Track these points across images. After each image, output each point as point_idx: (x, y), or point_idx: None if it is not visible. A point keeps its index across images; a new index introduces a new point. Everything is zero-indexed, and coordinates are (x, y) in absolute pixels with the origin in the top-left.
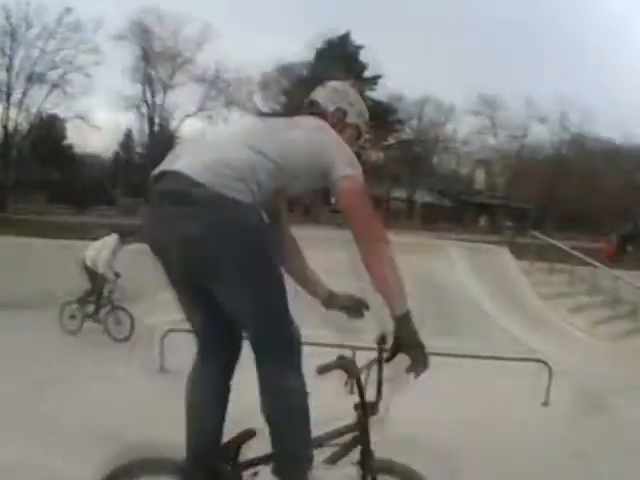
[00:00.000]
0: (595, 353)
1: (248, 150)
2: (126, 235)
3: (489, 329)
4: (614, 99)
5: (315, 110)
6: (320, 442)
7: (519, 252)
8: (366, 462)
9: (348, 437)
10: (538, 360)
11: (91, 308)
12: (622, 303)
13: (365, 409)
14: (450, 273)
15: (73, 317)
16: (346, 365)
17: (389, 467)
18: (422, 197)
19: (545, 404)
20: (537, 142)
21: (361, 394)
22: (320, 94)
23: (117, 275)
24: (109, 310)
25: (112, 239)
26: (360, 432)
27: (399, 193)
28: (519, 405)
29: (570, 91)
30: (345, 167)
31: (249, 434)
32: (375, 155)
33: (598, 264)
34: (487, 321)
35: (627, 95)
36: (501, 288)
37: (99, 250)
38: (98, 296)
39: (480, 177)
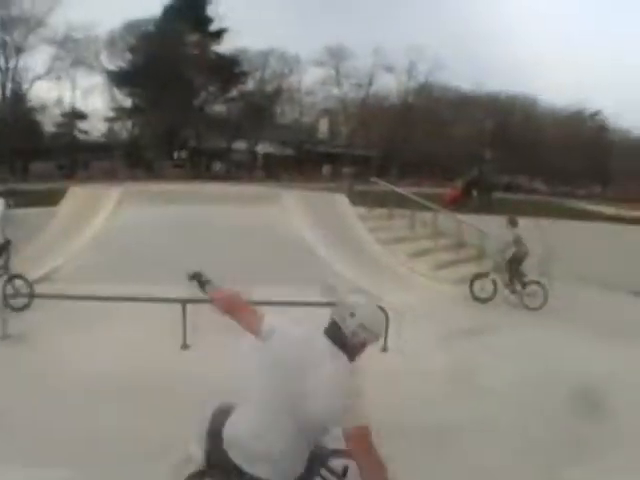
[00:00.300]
0: (436, 297)
1: None
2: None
3: (325, 275)
4: (464, 48)
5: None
6: None
7: (359, 199)
8: None
9: None
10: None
11: None
12: (466, 247)
13: None
14: (286, 222)
15: None
16: None
17: None
18: (265, 148)
19: (384, 350)
20: (383, 91)
21: None
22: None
23: (8, 242)
24: (7, 280)
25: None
26: None
27: (242, 145)
28: None
29: (420, 41)
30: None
31: None
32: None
33: (441, 208)
34: (323, 268)
35: (477, 44)
36: (338, 235)
37: None
38: None
39: (323, 127)
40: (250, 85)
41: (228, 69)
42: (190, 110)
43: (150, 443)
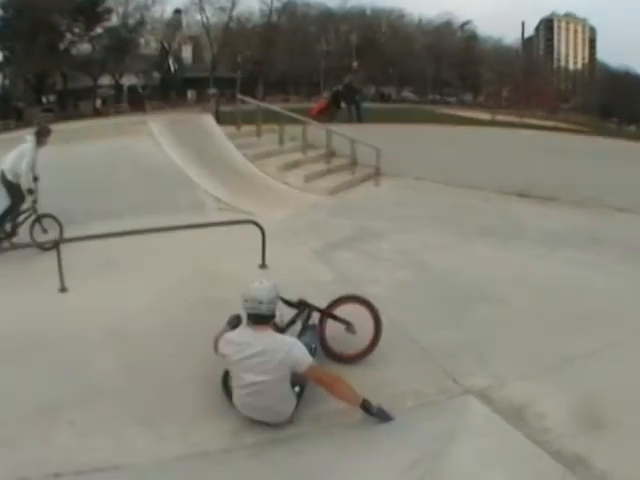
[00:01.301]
0: (310, 207)
1: None
2: None
3: (198, 198)
4: None
5: None
6: None
7: (226, 118)
8: None
9: None
10: (250, 221)
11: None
12: (337, 157)
13: None
14: (154, 148)
15: None
16: None
17: None
18: (130, 80)
19: (263, 266)
20: (247, 13)
21: None
22: None
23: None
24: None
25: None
26: None
27: (107, 80)
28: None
29: None
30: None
31: None
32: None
33: (309, 120)
34: (195, 190)
35: None
36: (207, 155)
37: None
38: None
39: (187, 53)
40: (114, 20)
41: (91, 8)
42: (57, 54)
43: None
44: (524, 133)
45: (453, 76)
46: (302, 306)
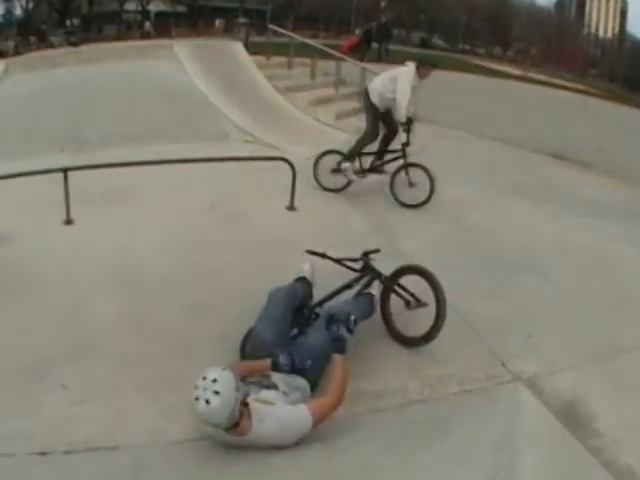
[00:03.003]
0: (341, 145)
1: None
2: None
3: (223, 128)
4: None
5: None
6: None
7: (256, 48)
8: None
9: None
10: (281, 159)
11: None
12: None
13: None
14: (180, 73)
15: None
16: None
17: None
18: (157, 6)
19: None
20: None
21: None
22: None
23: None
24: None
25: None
26: None
27: (133, 5)
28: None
29: None
30: None
31: None
32: None
33: (343, 56)
34: (221, 119)
35: None
36: (235, 84)
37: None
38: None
39: None
40: None
41: None
42: None
43: None
44: (560, 94)
45: (484, 28)
46: (367, 270)
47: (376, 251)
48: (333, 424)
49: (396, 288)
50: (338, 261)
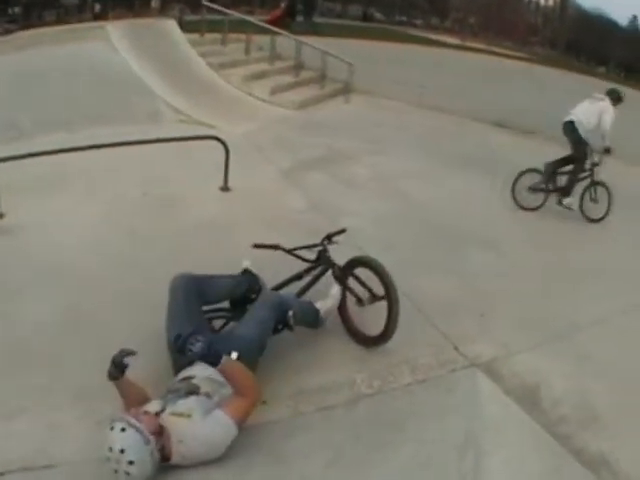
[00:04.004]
0: (277, 122)
1: None
2: None
3: (157, 108)
4: None
5: None
6: None
7: (190, 26)
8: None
9: None
10: (213, 137)
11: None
12: (306, 70)
13: None
14: (112, 54)
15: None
16: None
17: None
18: None
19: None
20: None
21: None
22: None
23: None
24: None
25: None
26: None
27: None
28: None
29: None
30: None
31: None
32: None
33: (280, 31)
34: (154, 99)
35: None
36: (169, 64)
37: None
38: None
39: None
40: None
41: None
42: None
43: None
44: (499, 61)
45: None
46: (322, 260)
47: (341, 232)
48: (278, 427)
49: (348, 282)
50: (290, 251)
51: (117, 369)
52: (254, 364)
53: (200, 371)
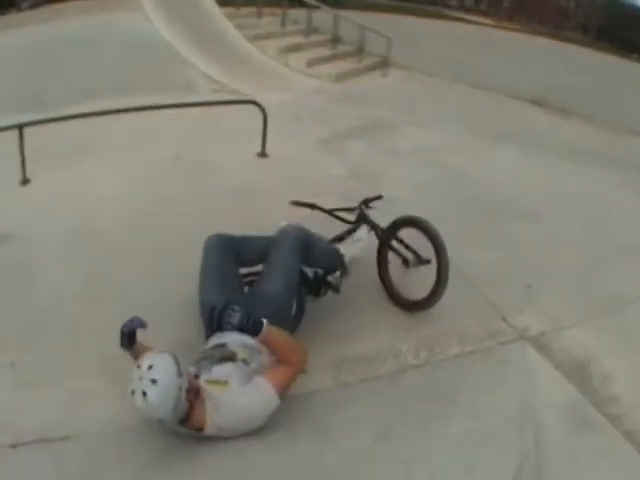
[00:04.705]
0: (314, 93)
1: None
2: None
3: (191, 77)
4: None
5: None
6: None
7: (225, 1)
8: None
9: None
10: (250, 101)
11: None
12: (343, 43)
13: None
14: (145, 24)
15: None
16: None
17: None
18: None
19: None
20: None
21: None
22: None
23: None
24: None
25: None
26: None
27: None
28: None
29: None
30: None
31: None
32: None
33: (316, 3)
34: (188, 69)
35: None
36: (203, 34)
37: None
38: None
39: None
40: None
41: None
42: None
43: None
44: (537, 41)
45: None
46: (361, 222)
47: (378, 197)
48: (321, 398)
49: (394, 243)
50: (330, 212)
51: (126, 339)
52: (288, 321)
53: (233, 337)
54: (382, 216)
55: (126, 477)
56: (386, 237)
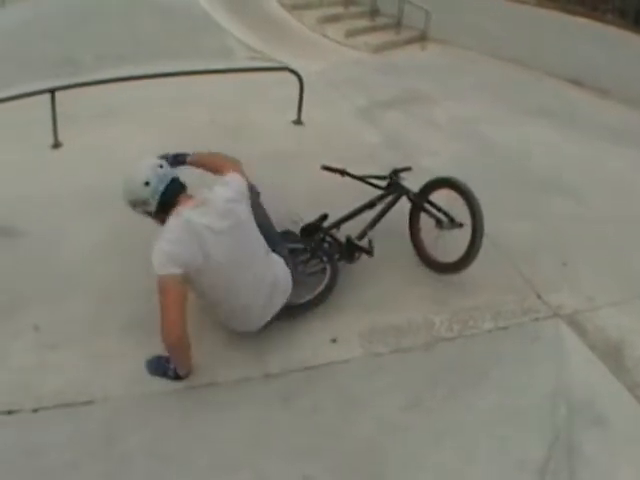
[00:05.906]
0: (352, 63)
1: None
2: None
3: (226, 44)
4: None
5: None
6: None
7: None
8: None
9: None
10: (286, 68)
11: None
12: (381, 15)
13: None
14: None
15: None
16: None
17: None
18: None
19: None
20: None
21: None
22: None
23: None
24: None
25: None
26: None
27: None
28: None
29: None
30: None
31: None
32: None
33: None
34: (224, 36)
35: None
36: (239, 1)
37: None
38: None
39: None
40: None
41: None
42: None
43: None
44: (577, 20)
45: None
46: (393, 187)
47: (407, 169)
48: (350, 367)
49: (427, 206)
50: (360, 178)
51: (176, 163)
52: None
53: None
54: (415, 185)
55: (146, 443)
56: (419, 199)
